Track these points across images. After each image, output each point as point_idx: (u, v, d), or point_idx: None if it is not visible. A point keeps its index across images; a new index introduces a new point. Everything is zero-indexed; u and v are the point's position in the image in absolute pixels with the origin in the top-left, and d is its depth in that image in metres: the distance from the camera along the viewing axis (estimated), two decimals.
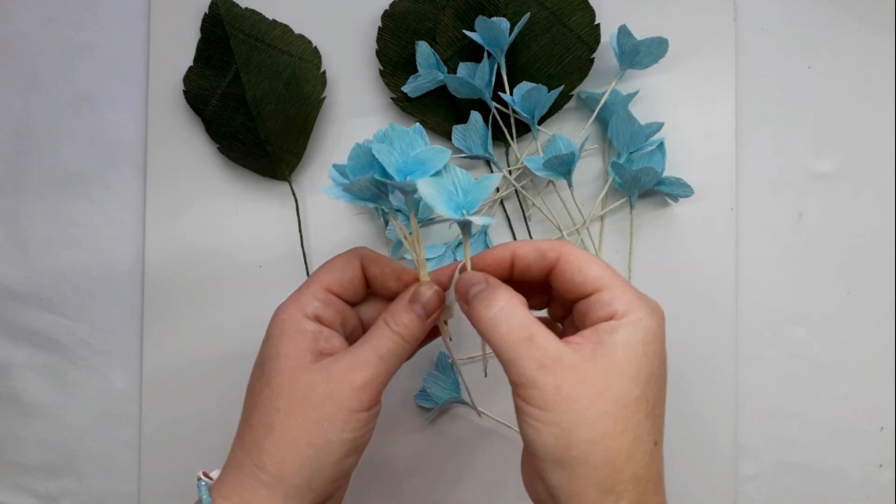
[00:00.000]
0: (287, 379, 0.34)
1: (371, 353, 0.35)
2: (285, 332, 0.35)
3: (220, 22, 0.47)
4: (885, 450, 0.49)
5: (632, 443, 0.31)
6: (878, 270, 0.49)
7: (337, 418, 0.34)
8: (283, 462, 0.33)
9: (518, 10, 0.46)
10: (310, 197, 0.49)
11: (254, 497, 0.33)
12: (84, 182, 0.50)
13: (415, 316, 0.36)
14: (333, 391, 0.34)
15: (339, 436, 0.34)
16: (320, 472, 0.34)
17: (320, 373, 0.34)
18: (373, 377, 0.34)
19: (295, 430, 0.33)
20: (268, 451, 0.34)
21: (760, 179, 0.49)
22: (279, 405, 0.34)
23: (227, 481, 0.34)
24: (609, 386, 0.31)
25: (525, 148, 0.48)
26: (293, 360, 0.35)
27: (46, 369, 0.50)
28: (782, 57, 0.49)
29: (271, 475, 0.33)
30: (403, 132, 0.35)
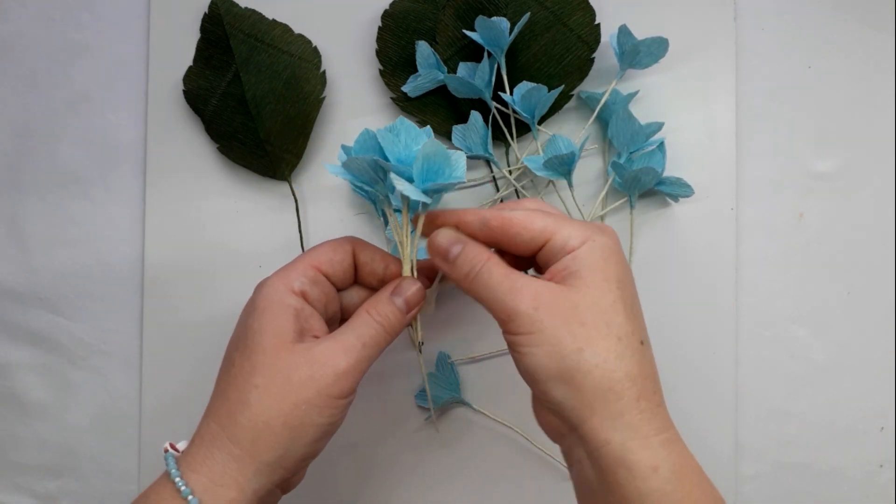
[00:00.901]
0: (269, 357, 0.34)
1: (355, 340, 0.35)
2: (269, 306, 0.36)
3: (220, 22, 0.47)
4: (885, 450, 0.49)
5: (617, 343, 0.33)
6: (878, 270, 0.49)
7: (316, 403, 0.34)
8: (257, 439, 0.34)
9: (518, 9, 0.46)
10: (310, 197, 0.49)
11: (224, 471, 0.34)
12: (84, 182, 0.50)
13: (396, 308, 0.37)
14: (316, 375, 0.34)
15: (316, 420, 0.34)
16: (292, 452, 0.34)
17: (303, 355, 0.35)
18: (355, 364, 0.35)
19: (272, 409, 0.34)
20: (242, 427, 0.34)
21: (761, 179, 0.49)
22: (258, 382, 0.34)
23: (197, 454, 0.34)
24: (584, 297, 0.33)
25: (525, 148, 0.48)
26: (276, 338, 0.35)
27: (46, 369, 0.50)
28: (783, 57, 0.49)
29: (244, 450, 0.34)
30: (411, 127, 0.36)
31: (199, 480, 0.34)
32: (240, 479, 0.34)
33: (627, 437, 0.32)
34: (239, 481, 0.34)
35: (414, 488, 0.49)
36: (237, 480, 0.34)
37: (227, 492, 0.33)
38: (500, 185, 0.49)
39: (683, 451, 0.33)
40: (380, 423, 0.49)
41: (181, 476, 0.34)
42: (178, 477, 0.34)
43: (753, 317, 0.49)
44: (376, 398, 0.49)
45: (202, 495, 0.33)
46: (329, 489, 0.49)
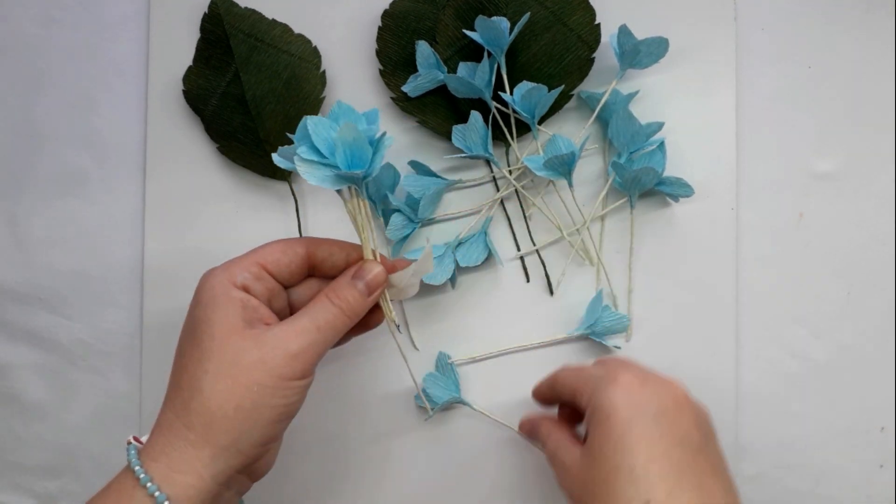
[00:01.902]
0: (217, 343, 0.35)
1: (308, 323, 0.36)
2: (214, 297, 0.36)
3: (220, 21, 0.47)
4: (885, 450, 0.49)
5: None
6: (878, 270, 0.49)
7: (268, 384, 0.34)
8: (210, 423, 0.34)
9: (518, 9, 0.46)
10: (309, 197, 0.49)
11: (181, 457, 0.34)
12: (84, 182, 0.50)
13: (356, 291, 0.37)
14: (266, 357, 0.34)
15: (270, 401, 0.34)
16: (248, 435, 0.34)
17: (253, 339, 0.35)
18: (308, 346, 0.35)
19: (223, 393, 0.34)
20: (195, 412, 0.34)
21: (761, 179, 0.49)
22: (208, 367, 0.34)
23: (156, 443, 0.35)
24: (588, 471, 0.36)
25: (525, 148, 0.48)
26: (224, 326, 0.35)
27: (46, 369, 0.50)
28: (783, 56, 0.49)
29: (199, 436, 0.34)
30: (350, 110, 0.37)
31: (158, 468, 0.34)
32: (197, 465, 0.34)
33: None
34: (196, 467, 0.34)
35: (413, 488, 0.49)
36: (194, 466, 0.34)
37: (185, 478, 0.34)
38: (500, 185, 0.49)
39: None
40: (379, 423, 0.49)
41: (141, 465, 0.34)
42: (137, 465, 0.34)
43: (754, 317, 0.49)
44: (376, 398, 0.49)
45: (161, 482, 0.33)
46: (327, 489, 0.49)
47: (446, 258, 0.47)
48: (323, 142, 0.36)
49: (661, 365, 0.48)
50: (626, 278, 0.48)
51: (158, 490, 0.33)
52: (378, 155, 0.36)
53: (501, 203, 0.49)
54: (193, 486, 0.34)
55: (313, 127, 0.36)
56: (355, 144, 0.35)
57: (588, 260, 0.48)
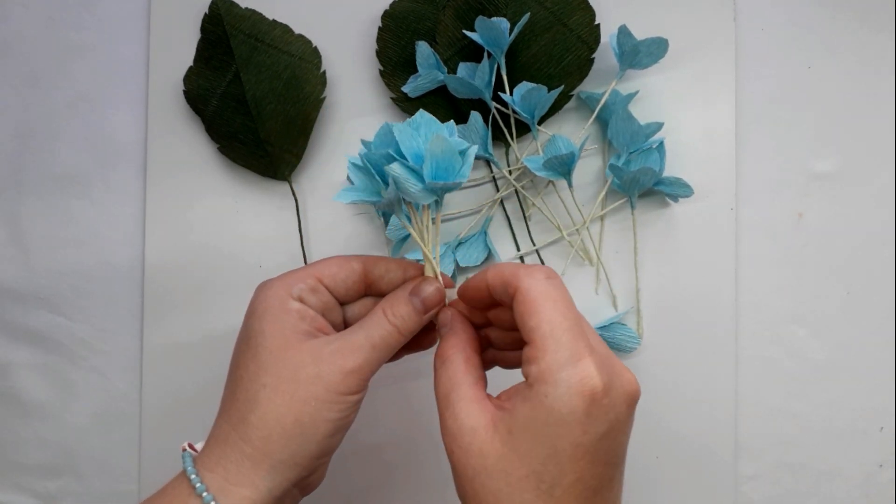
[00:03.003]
0: (275, 356, 0.34)
1: (364, 340, 0.35)
2: (269, 309, 0.36)
3: (221, 22, 0.47)
4: (885, 450, 0.49)
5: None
6: (878, 270, 0.49)
7: (324, 399, 0.34)
8: (268, 437, 0.34)
9: (518, 10, 0.46)
10: (310, 197, 0.49)
11: (238, 469, 0.34)
12: (84, 182, 0.50)
13: (412, 309, 0.36)
14: (323, 372, 0.34)
15: (326, 415, 0.34)
16: (305, 448, 0.34)
17: (310, 353, 0.34)
18: (363, 364, 0.35)
19: (282, 407, 0.34)
20: (253, 426, 0.34)
21: (760, 179, 0.49)
22: (266, 381, 0.34)
23: (212, 454, 0.35)
24: (495, 460, 0.31)
25: (525, 148, 0.48)
26: (281, 338, 0.35)
27: (46, 369, 0.50)
28: (782, 57, 0.49)
29: (256, 449, 0.34)
30: (432, 121, 0.35)
31: (214, 479, 0.34)
32: (254, 478, 0.34)
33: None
34: (253, 480, 0.34)
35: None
36: (251, 479, 0.34)
37: (241, 490, 0.33)
38: (500, 185, 0.49)
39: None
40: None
41: (197, 474, 0.34)
42: (193, 474, 0.34)
43: (753, 317, 0.49)
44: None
45: (217, 493, 0.33)
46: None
47: (446, 258, 0.47)
48: (409, 152, 0.34)
49: (660, 364, 0.48)
50: (629, 278, 0.48)
51: (214, 500, 0.33)
52: (466, 166, 0.34)
53: (501, 203, 0.49)
54: (249, 497, 0.33)
55: (399, 135, 0.34)
56: (444, 155, 0.34)
57: (588, 260, 0.48)
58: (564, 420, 0.30)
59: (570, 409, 0.30)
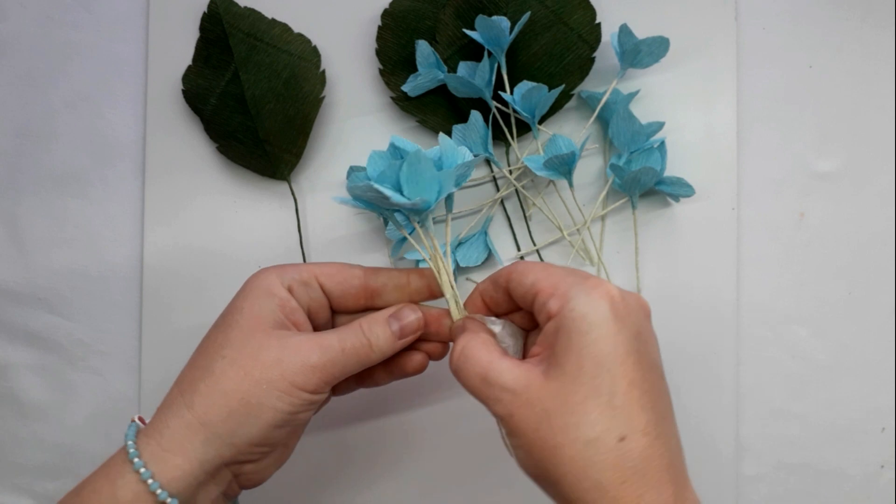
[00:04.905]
0: (242, 333, 0.35)
1: (335, 342, 0.35)
2: (255, 289, 0.36)
3: (219, 21, 0.47)
4: (886, 450, 0.49)
5: (585, 448, 0.30)
6: (879, 270, 0.49)
7: (277, 386, 0.34)
8: (210, 406, 0.34)
9: (518, 8, 0.46)
10: (309, 196, 0.49)
11: (173, 436, 0.34)
12: (82, 181, 0.50)
13: (389, 331, 0.36)
14: (284, 359, 0.34)
15: (275, 403, 0.34)
16: (244, 429, 0.34)
17: (277, 339, 0.35)
18: (327, 363, 0.35)
19: (233, 381, 0.34)
20: (200, 393, 0.34)
21: (762, 179, 0.49)
22: (226, 353, 0.34)
23: (156, 421, 0.35)
24: (553, 393, 0.31)
25: (525, 147, 0.48)
26: (254, 319, 0.35)
27: (45, 370, 0.50)
28: (784, 56, 0.49)
29: (196, 417, 0.34)
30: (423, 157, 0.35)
31: (150, 444, 0.34)
32: (187, 446, 0.33)
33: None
34: (186, 448, 0.33)
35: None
36: (184, 447, 0.33)
37: (172, 457, 0.33)
38: (500, 185, 0.48)
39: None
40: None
41: (135, 442, 0.34)
42: (130, 441, 0.34)
43: (755, 317, 0.48)
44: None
45: (149, 459, 0.33)
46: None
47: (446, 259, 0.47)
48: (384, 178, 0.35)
49: None
50: (630, 278, 0.48)
51: (144, 467, 0.33)
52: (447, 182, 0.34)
53: (501, 203, 0.48)
54: (180, 466, 0.33)
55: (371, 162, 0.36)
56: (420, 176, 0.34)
57: (588, 260, 0.48)
58: (596, 322, 0.31)
59: (597, 310, 0.31)
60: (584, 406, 0.30)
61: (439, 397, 0.48)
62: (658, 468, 0.30)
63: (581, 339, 0.31)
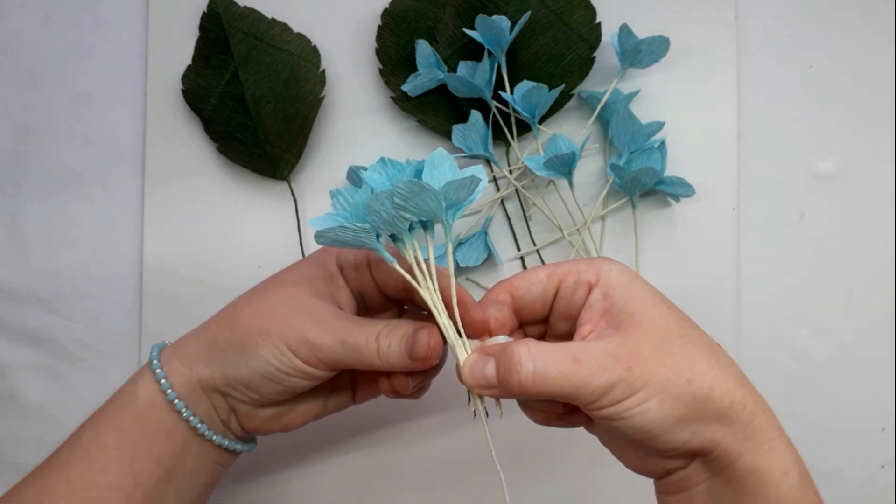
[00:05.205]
0: (280, 288, 0.37)
1: (344, 333, 0.35)
2: (313, 258, 0.38)
3: (219, 20, 0.47)
4: (886, 451, 0.49)
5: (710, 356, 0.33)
6: (879, 270, 0.49)
7: (272, 342, 0.35)
8: (219, 333, 0.36)
9: (519, 8, 0.46)
10: (309, 196, 0.49)
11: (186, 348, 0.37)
12: (82, 181, 0.50)
13: (400, 350, 0.35)
14: (289, 321, 0.35)
15: (265, 355, 0.35)
16: (235, 365, 0.35)
17: (298, 302, 0.36)
18: (322, 346, 0.35)
19: (243, 317, 0.36)
20: (217, 319, 0.37)
21: (762, 179, 0.48)
22: (252, 296, 0.37)
23: (182, 338, 0.38)
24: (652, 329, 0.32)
25: (526, 147, 0.48)
26: (296, 280, 0.37)
27: (44, 370, 0.50)
28: (784, 56, 0.49)
29: (206, 338, 0.37)
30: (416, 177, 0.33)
31: (167, 354, 0.37)
32: (193, 359, 0.36)
33: (759, 443, 0.32)
34: (192, 361, 0.36)
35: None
36: (191, 360, 0.36)
37: (181, 366, 0.36)
38: (500, 185, 0.48)
39: (798, 454, 0.33)
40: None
41: (158, 353, 0.37)
42: (154, 351, 0.38)
43: (755, 317, 0.48)
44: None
45: (165, 364, 0.37)
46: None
47: (444, 260, 0.47)
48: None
49: None
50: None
51: (160, 368, 0.36)
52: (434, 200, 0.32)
53: (501, 203, 0.48)
54: (184, 374, 0.36)
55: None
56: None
57: None
58: (634, 279, 0.34)
59: (631, 274, 0.34)
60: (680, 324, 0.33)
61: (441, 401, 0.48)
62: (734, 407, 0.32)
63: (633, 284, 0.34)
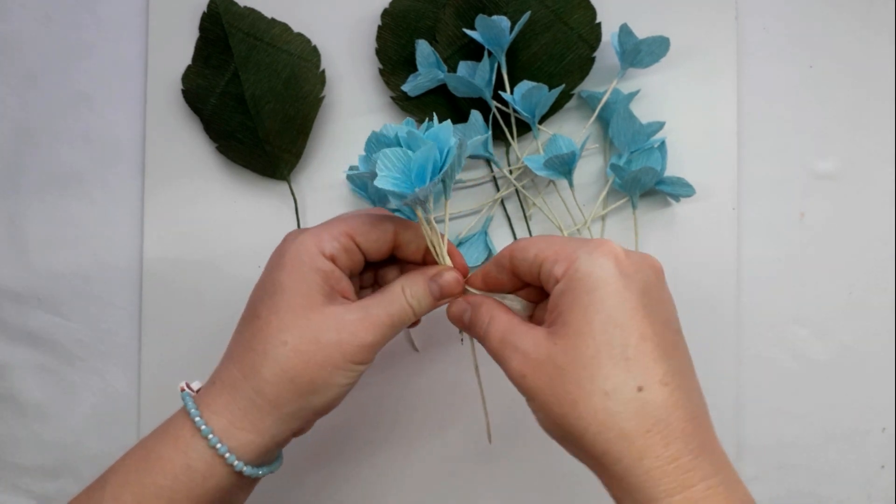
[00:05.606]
0: (297, 315, 0.35)
1: (385, 317, 0.36)
2: (299, 265, 0.36)
3: (219, 20, 0.47)
4: (886, 451, 0.49)
5: (604, 399, 0.30)
6: (880, 270, 0.49)
7: (340, 366, 0.35)
8: (280, 392, 0.35)
9: (519, 8, 0.46)
10: (309, 196, 0.49)
11: (245, 416, 0.35)
12: (82, 182, 0.50)
13: (429, 292, 0.37)
14: (343, 341, 0.35)
15: (338, 380, 0.35)
16: (312, 406, 0.36)
17: (333, 319, 0.35)
18: (380, 339, 0.36)
19: (299, 367, 0.35)
20: (266, 380, 0.35)
21: (762, 179, 0.48)
22: (287, 339, 0.35)
23: (218, 397, 0.36)
24: (566, 350, 0.31)
25: (526, 147, 0.48)
26: (305, 298, 0.36)
27: (44, 370, 0.50)
28: (784, 56, 0.49)
29: (267, 401, 0.35)
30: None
31: (219, 422, 0.35)
32: (260, 426, 0.35)
33: (635, 499, 0.30)
34: (259, 427, 0.35)
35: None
36: (257, 426, 0.35)
37: (246, 434, 0.35)
38: (500, 185, 0.48)
39: None
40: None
41: (201, 416, 0.35)
42: (197, 416, 0.35)
43: (755, 317, 0.48)
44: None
45: (221, 435, 0.35)
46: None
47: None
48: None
49: None
50: None
51: (220, 443, 0.34)
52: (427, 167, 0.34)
53: (502, 203, 0.48)
54: (253, 442, 0.35)
55: None
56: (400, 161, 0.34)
57: None
58: (603, 279, 0.31)
59: (603, 268, 0.32)
60: (596, 359, 0.31)
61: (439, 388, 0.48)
62: (681, 418, 0.31)
63: (588, 297, 0.31)
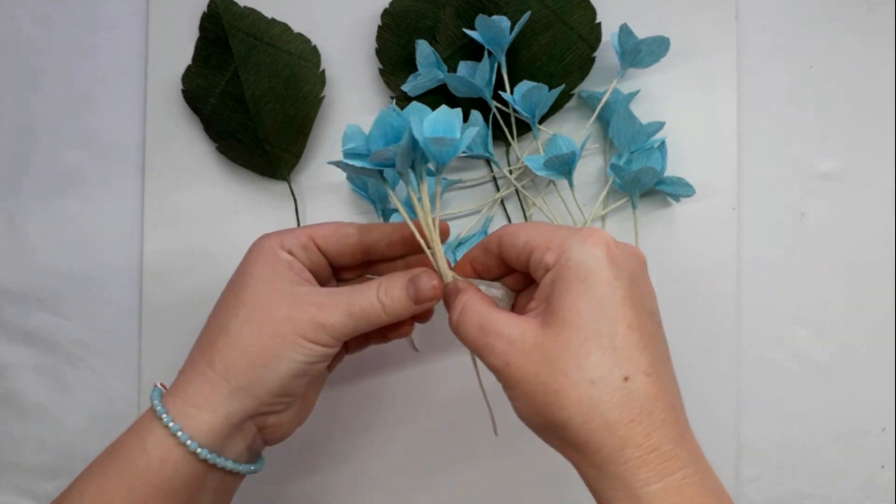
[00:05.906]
0: (255, 294, 0.36)
1: (344, 304, 0.36)
2: (261, 256, 0.37)
3: (219, 20, 0.47)
4: (886, 451, 0.49)
5: (590, 388, 0.30)
6: (880, 270, 0.49)
7: (291, 340, 0.35)
8: (231, 362, 0.35)
9: (519, 8, 0.46)
10: (309, 196, 0.49)
11: (198, 392, 0.35)
12: (82, 182, 0.50)
13: (405, 295, 0.36)
14: (294, 316, 0.35)
15: (290, 355, 0.35)
16: (265, 381, 0.35)
17: (289, 297, 0.36)
18: (336, 324, 0.35)
19: (250, 336, 0.35)
20: (219, 350, 0.35)
21: (762, 179, 0.48)
22: (240, 312, 0.36)
23: (178, 380, 0.36)
24: (553, 337, 0.31)
25: (526, 147, 0.48)
26: (266, 281, 0.36)
27: (44, 370, 0.50)
28: (784, 56, 0.49)
29: (218, 373, 0.35)
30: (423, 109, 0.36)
31: (176, 403, 0.35)
32: (212, 401, 0.35)
33: (614, 487, 0.30)
34: (212, 403, 0.35)
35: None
36: (209, 402, 0.35)
37: (199, 412, 0.35)
38: (500, 185, 0.48)
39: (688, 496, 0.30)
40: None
41: (160, 400, 0.35)
42: (156, 400, 0.36)
43: (755, 317, 0.48)
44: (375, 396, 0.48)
45: (176, 415, 0.35)
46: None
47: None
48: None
49: None
50: None
51: (173, 421, 0.34)
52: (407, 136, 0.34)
53: (502, 203, 0.48)
54: (207, 421, 0.35)
55: None
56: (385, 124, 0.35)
57: None
58: (593, 269, 0.31)
59: (594, 257, 0.32)
60: (584, 348, 0.31)
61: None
62: (663, 409, 0.31)
63: (578, 286, 0.31)
